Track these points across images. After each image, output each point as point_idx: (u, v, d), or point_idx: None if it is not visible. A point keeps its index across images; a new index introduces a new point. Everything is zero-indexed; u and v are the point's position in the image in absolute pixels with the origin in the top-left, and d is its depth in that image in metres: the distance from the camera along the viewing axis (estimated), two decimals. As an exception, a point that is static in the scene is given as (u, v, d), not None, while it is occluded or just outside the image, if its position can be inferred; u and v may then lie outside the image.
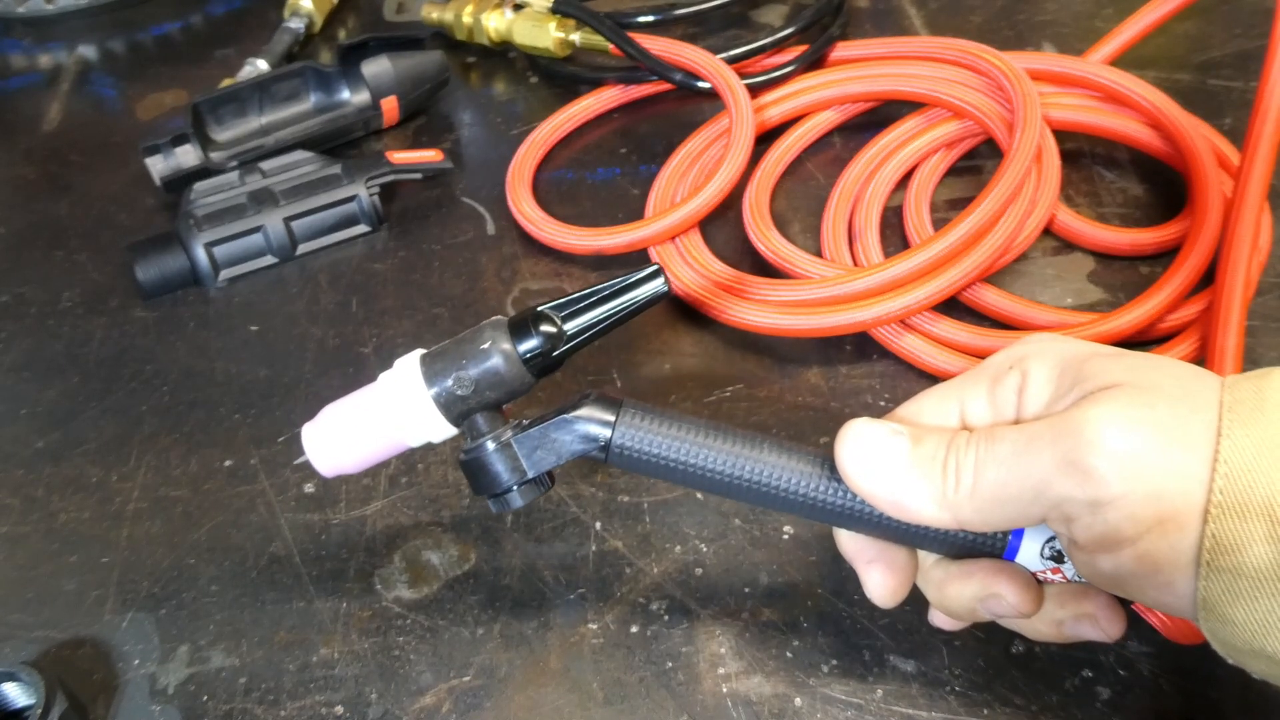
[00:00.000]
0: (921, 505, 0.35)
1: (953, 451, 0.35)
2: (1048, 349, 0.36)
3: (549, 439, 0.39)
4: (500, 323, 0.41)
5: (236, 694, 0.44)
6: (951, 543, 0.37)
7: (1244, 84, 0.68)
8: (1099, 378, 0.33)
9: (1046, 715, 0.41)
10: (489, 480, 0.41)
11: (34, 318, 0.62)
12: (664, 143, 0.68)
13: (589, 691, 0.43)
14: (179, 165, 0.66)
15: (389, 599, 0.47)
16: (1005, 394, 0.36)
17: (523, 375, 0.41)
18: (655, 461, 0.39)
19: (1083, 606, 0.38)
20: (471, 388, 0.40)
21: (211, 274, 0.62)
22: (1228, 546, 0.31)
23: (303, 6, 0.81)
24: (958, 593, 0.38)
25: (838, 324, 0.53)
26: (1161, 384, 0.33)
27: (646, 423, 0.38)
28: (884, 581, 0.39)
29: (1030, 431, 0.33)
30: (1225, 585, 0.31)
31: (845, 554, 0.40)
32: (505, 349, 0.40)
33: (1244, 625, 0.31)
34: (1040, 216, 0.58)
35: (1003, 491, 0.34)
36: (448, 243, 0.64)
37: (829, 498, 0.38)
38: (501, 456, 0.40)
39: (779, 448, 0.38)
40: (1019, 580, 0.37)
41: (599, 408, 0.39)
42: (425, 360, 0.41)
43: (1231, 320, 0.49)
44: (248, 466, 0.53)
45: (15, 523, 0.52)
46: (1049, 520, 0.34)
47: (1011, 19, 0.76)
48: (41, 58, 0.84)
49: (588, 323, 0.42)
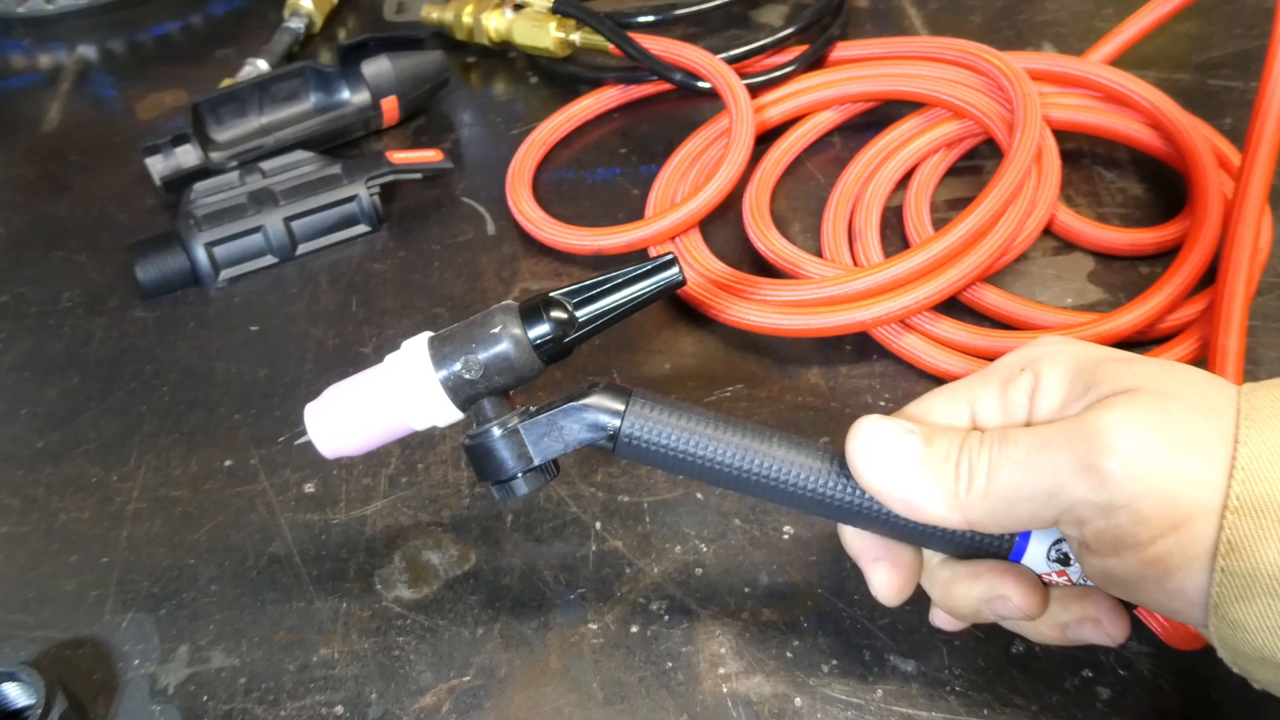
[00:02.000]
0: (932, 505, 0.35)
1: (965, 452, 0.35)
2: (1061, 351, 0.36)
3: (557, 426, 0.39)
4: (511, 307, 0.41)
5: (236, 694, 0.44)
6: (959, 543, 0.37)
7: (1244, 84, 0.68)
8: (1113, 382, 0.33)
9: (1046, 715, 0.41)
10: (494, 466, 0.40)
11: (34, 318, 0.62)
12: (664, 143, 0.68)
13: (589, 691, 0.43)
14: (179, 165, 0.66)
15: (389, 599, 0.47)
16: (1017, 395, 0.36)
17: (533, 361, 0.40)
18: (664, 452, 0.38)
19: (1087, 610, 0.38)
20: (480, 372, 0.40)
21: (211, 274, 0.62)
22: (1243, 549, 0.30)
23: (303, 6, 0.81)
24: (964, 593, 0.38)
25: (838, 324, 0.53)
26: (1177, 390, 0.33)
27: (656, 413, 0.38)
28: (889, 580, 0.39)
29: (1044, 434, 0.33)
30: (1238, 588, 0.31)
31: (851, 551, 0.40)
32: (516, 334, 0.40)
33: (1255, 630, 0.31)
34: (1040, 216, 0.58)
35: (1015, 493, 0.34)
36: (448, 243, 0.64)
37: (838, 494, 0.37)
38: (508, 443, 0.40)
39: (789, 442, 0.38)
40: (1026, 582, 0.37)
41: (608, 396, 0.39)
42: (434, 343, 0.41)
43: (1232, 320, 0.49)
44: (248, 466, 0.53)
45: (15, 523, 0.52)
46: (1061, 523, 0.34)
47: (1011, 19, 0.76)
48: (41, 58, 0.84)
49: (600, 310, 0.41)
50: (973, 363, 0.52)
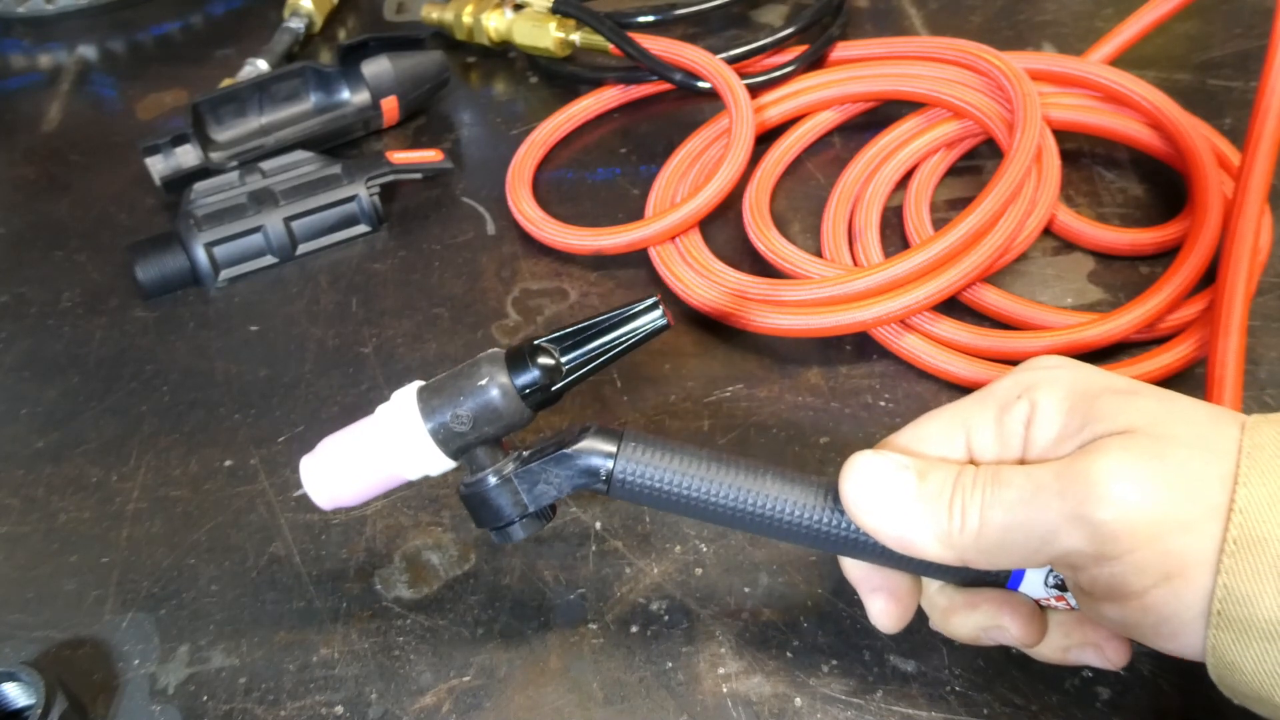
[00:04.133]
0: (926, 543, 0.35)
1: (959, 490, 0.34)
2: (1058, 378, 0.35)
3: (549, 474, 0.39)
4: (497, 356, 0.41)
5: (236, 694, 0.44)
6: (956, 573, 0.37)
7: (1244, 84, 0.68)
8: (1110, 420, 0.32)
9: (1046, 715, 0.41)
10: (490, 514, 0.40)
11: (34, 318, 0.62)
12: (664, 143, 0.68)
13: (589, 691, 0.43)
14: (179, 165, 0.66)
15: (389, 599, 0.47)
16: (1013, 424, 0.35)
17: (520, 409, 0.40)
18: (657, 493, 0.38)
19: (1087, 635, 0.37)
20: (469, 424, 0.40)
21: (211, 274, 0.62)
22: (1240, 597, 0.30)
23: (303, 6, 0.81)
24: (961, 622, 0.38)
25: (838, 324, 0.53)
26: (1175, 430, 0.32)
27: (648, 455, 0.38)
28: (888, 609, 0.39)
29: (1037, 479, 0.33)
30: (1235, 636, 0.30)
31: (850, 579, 0.40)
32: (503, 383, 0.40)
33: (1253, 675, 0.31)
34: (1040, 216, 0.58)
35: (1007, 537, 0.33)
36: (448, 243, 0.64)
37: (833, 529, 0.37)
38: (502, 492, 0.40)
39: (782, 478, 0.38)
40: (1023, 612, 0.37)
41: (600, 439, 0.39)
42: (422, 395, 0.41)
43: (1232, 320, 0.49)
44: (248, 466, 0.53)
45: (15, 523, 0.52)
46: (1054, 566, 0.34)
47: (1011, 19, 0.76)
48: (41, 58, 0.84)
49: (586, 355, 0.41)
50: (973, 363, 0.52)
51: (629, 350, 0.41)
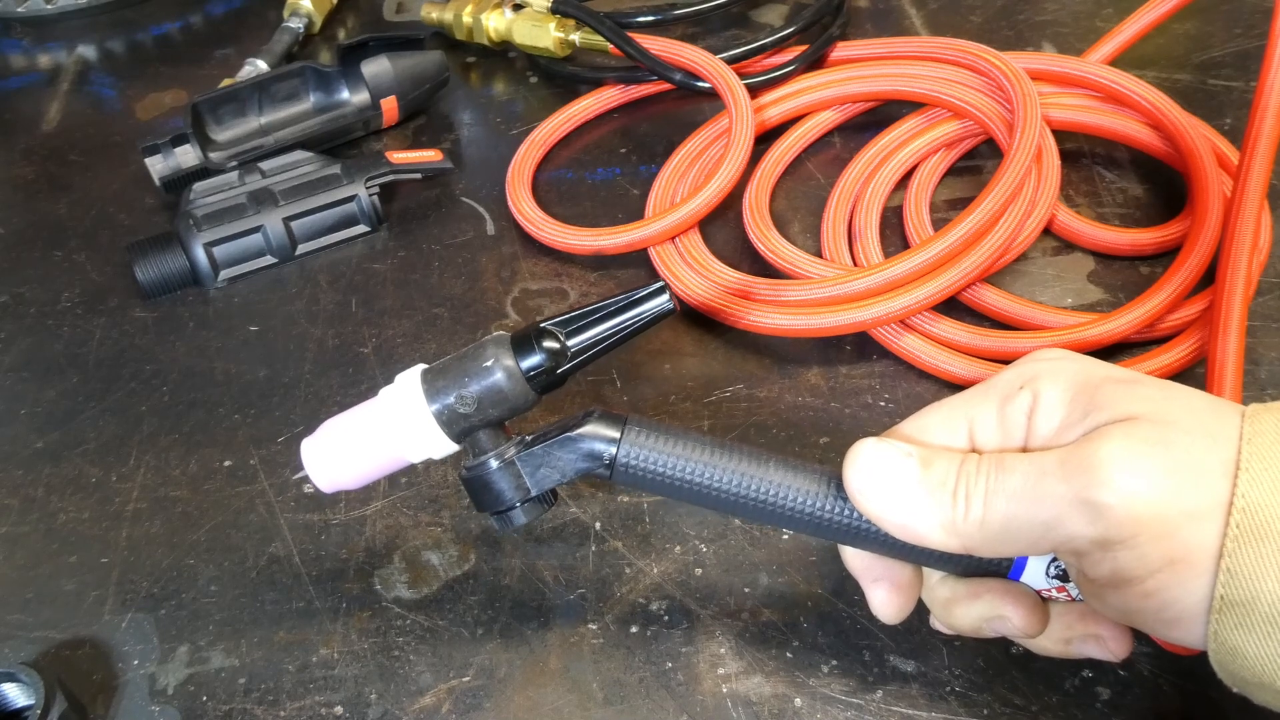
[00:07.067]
0: (930, 530, 0.35)
1: (963, 478, 0.34)
2: (1060, 369, 0.35)
3: (553, 457, 0.39)
4: (503, 339, 0.41)
5: (236, 694, 0.44)
6: (958, 562, 0.37)
7: (1244, 84, 0.68)
8: (1113, 408, 0.32)
9: (1046, 715, 0.41)
10: (492, 498, 0.40)
11: (34, 318, 0.62)
12: (664, 143, 0.68)
13: (589, 691, 0.43)
14: (178, 165, 0.66)
15: (389, 599, 0.47)
16: (1015, 415, 0.35)
17: (526, 392, 0.40)
18: (660, 479, 0.38)
19: (1089, 627, 0.37)
20: (474, 405, 0.40)
21: (211, 274, 0.62)
22: (1243, 582, 0.30)
23: (302, 6, 0.81)
24: (963, 613, 0.38)
25: (838, 324, 0.53)
26: (1177, 417, 0.32)
27: (651, 440, 0.38)
28: (889, 599, 0.39)
29: (1041, 465, 0.33)
30: (1238, 620, 0.31)
31: (851, 570, 0.40)
32: (508, 365, 0.40)
33: (1255, 657, 0.31)
34: (1040, 216, 0.58)
35: (1012, 524, 0.33)
36: (447, 243, 0.64)
37: (836, 517, 0.37)
38: (505, 474, 0.40)
39: (786, 466, 0.38)
40: (1025, 602, 0.37)
41: (604, 424, 0.39)
42: (426, 376, 0.41)
43: (1232, 320, 0.49)
44: (247, 466, 0.53)
45: (15, 523, 0.52)
46: (1058, 553, 0.33)
47: (1011, 19, 0.76)
48: (41, 58, 0.84)
49: (591, 339, 0.41)
50: (973, 363, 0.52)
51: (635, 334, 0.41)
